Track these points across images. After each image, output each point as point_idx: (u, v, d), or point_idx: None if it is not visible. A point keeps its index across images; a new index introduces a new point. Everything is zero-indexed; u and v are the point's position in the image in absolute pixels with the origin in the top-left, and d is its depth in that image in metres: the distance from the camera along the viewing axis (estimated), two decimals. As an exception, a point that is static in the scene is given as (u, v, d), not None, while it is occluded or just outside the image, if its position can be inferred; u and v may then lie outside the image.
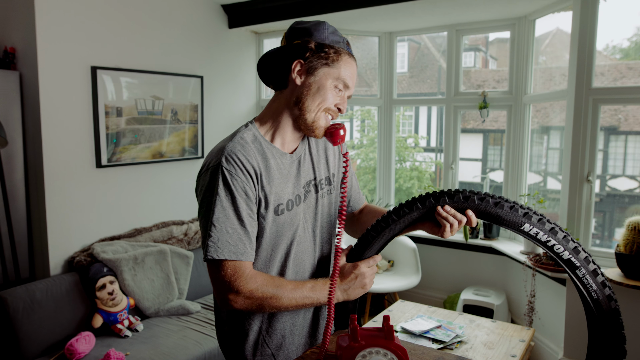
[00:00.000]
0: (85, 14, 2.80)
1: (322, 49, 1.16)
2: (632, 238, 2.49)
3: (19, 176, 2.71)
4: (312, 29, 1.18)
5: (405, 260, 3.55)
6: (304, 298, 1.13)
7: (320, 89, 1.17)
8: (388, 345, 1.03)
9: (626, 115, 3.66)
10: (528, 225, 1.01)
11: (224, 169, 1.09)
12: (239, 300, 1.09)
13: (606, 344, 1.00)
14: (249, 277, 1.09)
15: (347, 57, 1.19)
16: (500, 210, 1.03)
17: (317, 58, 1.16)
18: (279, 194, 1.17)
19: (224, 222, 1.08)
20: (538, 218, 1.01)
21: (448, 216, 1.08)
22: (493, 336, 2.20)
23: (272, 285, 1.11)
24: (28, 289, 2.43)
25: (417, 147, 6.20)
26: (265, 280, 1.11)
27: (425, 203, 1.07)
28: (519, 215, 1.01)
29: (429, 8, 3.19)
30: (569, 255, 0.99)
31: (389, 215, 1.10)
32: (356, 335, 1.03)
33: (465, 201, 1.05)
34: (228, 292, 1.08)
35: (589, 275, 0.99)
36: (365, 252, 1.17)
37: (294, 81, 1.17)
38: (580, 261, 0.99)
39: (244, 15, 3.73)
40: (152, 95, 3.21)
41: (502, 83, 4.05)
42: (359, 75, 5.06)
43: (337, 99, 1.20)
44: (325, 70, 1.17)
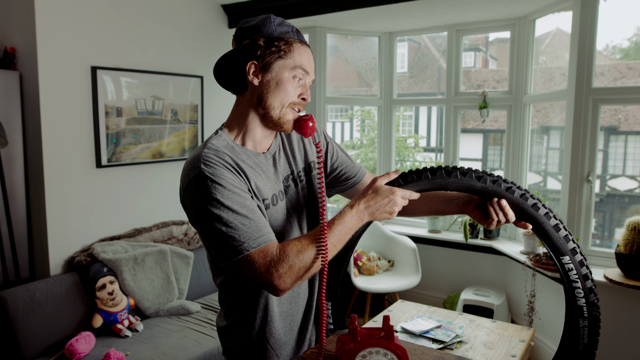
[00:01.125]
0: (85, 14, 2.80)
1: (272, 43, 1.14)
2: (632, 238, 2.49)
3: (19, 176, 2.71)
4: (259, 25, 1.16)
5: (405, 260, 3.55)
6: (338, 232, 1.09)
7: (280, 84, 1.15)
8: (388, 345, 1.03)
9: (626, 115, 3.66)
10: (568, 259, 1.02)
11: (207, 174, 1.06)
12: (286, 280, 1.04)
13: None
14: (279, 255, 1.05)
15: (299, 44, 1.17)
16: (555, 234, 1.01)
17: (269, 54, 1.14)
18: (262, 189, 1.16)
19: (234, 219, 1.05)
20: (580, 258, 1.02)
21: (499, 212, 1.07)
22: (493, 336, 2.20)
23: (300, 247, 1.06)
24: (28, 289, 2.43)
25: (417, 147, 6.19)
26: (292, 247, 1.06)
27: (495, 182, 1.03)
28: (567, 246, 1.01)
29: (429, 8, 3.19)
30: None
31: (455, 169, 1.06)
32: (356, 335, 1.03)
33: (532, 209, 1.03)
34: (272, 279, 1.04)
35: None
36: (410, 183, 1.12)
37: (252, 82, 1.16)
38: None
39: (244, 15, 3.73)
40: (152, 95, 3.21)
41: (502, 83, 4.05)
42: (359, 75, 5.06)
43: (299, 89, 1.18)
44: (280, 64, 1.14)
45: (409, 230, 3.80)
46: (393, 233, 3.73)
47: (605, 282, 2.54)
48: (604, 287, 2.61)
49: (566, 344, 1.02)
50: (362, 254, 3.64)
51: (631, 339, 2.59)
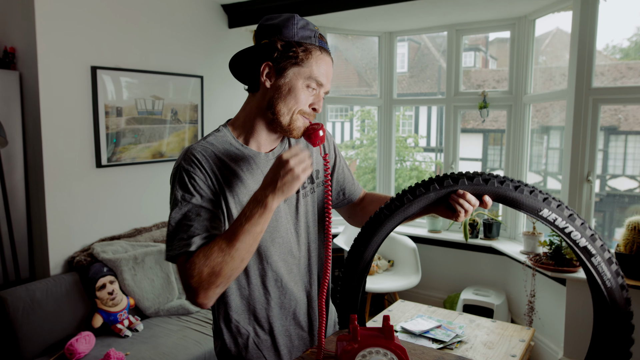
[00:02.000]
0: (85, 14, 2.80)
1: (290, 48, 1.09)
2: (632, 238, 2.49)
3: (19, 176, 2.71)
4: (281, 25, 1.11)
5: (405, 260, 3.55)
6: (244, 233, 1.00)
7: (292, 91, 1.11)
8: (388, 345, 1.03)
9: (626, 115, 3.66)
10: (547, 211, 0.99)
11: (183, 169, 1.08)
12: (198, 293, 0.99)
13: (613, 334, 0.98)
14: (188, 267, 0.99)
15: (319, 52, 1.12)
16: (519, 195, 1.01)
17: (285, 58, 1.09)
18: (247, 195, 1.12)
19: (179, 221, 1.05)
20: (557, 204, 0.99)
21: (464, 202, 1.04)
22: (493, 336, 2.20)
23: (208, 255, 0.99)
24: (28, 288, 2.43)
25: (417, 147, 6.20)
26: (200, 257, 1.00)
27: (442, 183, 1.03)
28: (538, 200, 0.99)
29: (429, 8, 3.19)
30: (585, 242, 0.98)
31: (404, 194, 1.05)
32: (356, 335, 1.03)
33: (485, 184, 1.02)
34: (185, 292, 1.01)
35: (604, 263, 0.98)
36: (376, 232, 1.09)
37: (264, 84, 1.12)
38: (596, 249, 0.98)
39: (244, 15, 3.73)
40: (152, 95, 3.21)
41: (502, 83, 4.05)
42: (359, 75, 5.06)
43: (311, 99, 1.14)
44: (295, 71, 1.10)
45: (409, 230, 3.80)
46: (393, 233, 3.73)
47: (605, 282, 2.54)
48: (604, 287, 2.61)
49: (595, 291, 0.98)
50: (362, 254, 3.64)
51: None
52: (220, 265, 0.98)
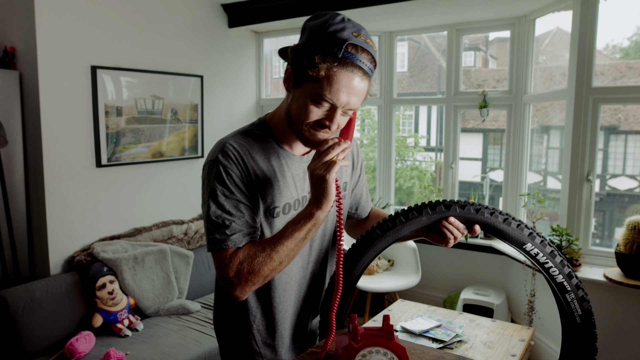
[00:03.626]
0: (85, 14, 2.80)
1: (313, 61, 1.00)
2: (632, 237, 2.49)
3: (19, 176, 2.71)
4: (314, 30, 1.03)
5: (405, 259, 3.55)
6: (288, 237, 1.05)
7: (302, 104, 1.05)
8: (388, 345, 1.03)
9: (626, 114, 3.66)
10: (530, 245, 1.06)
11: (220, 164, 1.08)
12: (235, 287, 1.05)
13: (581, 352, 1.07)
14: (229, 262, 1.04)
15: (341, 70, 1.00)
16: (507, 227, 1.07)
17: (302, 69, 1.02)
18: (275, 195, 1.14)
19: (220, 215, 1.06)
20: (540, 240, 1.05)
21: (454, 229, 1.07)
22: (493, 335, 2.20)
23: (250, 254, 1.05)
24: (28, 288, 2.43)
25: (417, 147, 6.20)
26: (242, 254, 1.05)
27: (435, 209, 1.07)
28: (524, 234, 1.06)
29: (429, 7, 3.19)
30: (562, 279, 1.05)
31: (397, 216, 1.08)
32: (356, 334, 1.03)
33: (475, 213, 1.07)
34: (222, 284, 1.06)
35: (577, 300, 1.05)
36: (366, 250, 1.13)
37: (286, 88, 1.10)
38: (571, 286, 1.05)
39: (244, 15, 3.73)
40: (152, 95, 3.21)
41: (502, 82, 4.05)
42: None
43: (320, 115, 1.05)
44: (308, 85, 1.02)
45: (409, 230, 3.80)
46: (393, 232, 3.73)
47: (605, 281, 2.55)
48: (604, 287, 2.61)
49: (565, 322, 1.07)
50: (362, 254, 3.64)
51: (631, 338, 2.60)
52: (260, 264, 1.03)
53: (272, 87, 4.36)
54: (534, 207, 3.13)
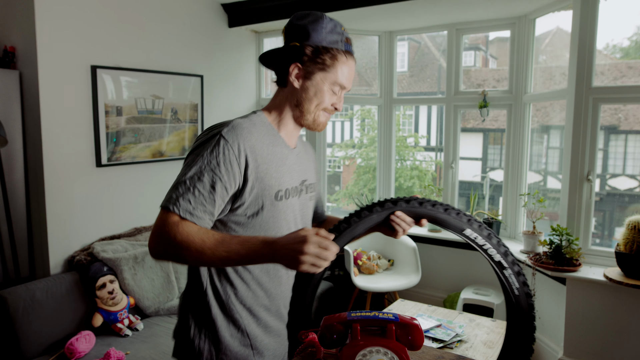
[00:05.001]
0: (85, 13, 2.80)
1: (318, 54, 1.18)
2: (632, 237, 2.49)
3: (19, 175, 2.71)
4: (310, 28, 1.18)
5: (405, 259, 3.55)
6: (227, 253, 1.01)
7: (318, 93, 1.21)
8: (388, 345, 1.03)
9: (626, 114, 3.66)
10: (469, 231, 1.18)
11: (222, 136, 1.11)
12: (156, 249, 1.04)
13: (520, 332, 1.21)
14: (172, 227, 1.03)
15: (344, 57, 1.21)
16: (447, 216, 1.18)
17: (313, 63, 1.19)
18: (279, 179, 1.20)
19: (196, 182, 1.07)
20: (478, 224, 1.18)
21: (401, 222, 1.16)
22: (493, 335, 2.20)
23: (191, 236, 1.02)
24: (28, 288, 2.43)
25: (418, 147, 6.20)
26: (186, 230, 1.03)
27: (384, 206, 1.19)
28: (463, 221, 1.18)
29: (429, 7, 3.19)
30: (499, 257, 1.18)
31: (351, 216, 1.18)
32: (356, 334, 1.03)
33: (419, 206, 1.19)
34: (154, 238, 1.04)
35: (514, 275, 1.18)
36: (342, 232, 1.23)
37: (292, 84, 1.21)
38: (508, 263, 1.18)
39: (244, 15, 3.73)
40: (152, 95, 3.21)
41: (502, 82, 4.05)
42: (358, 74, 5.07)
43: (334, 99, 1.24)
44: (321, 76, 1.20)
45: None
46: (393, 232, 3.73)
47: (605, 281, 2.55)
48: (604, 287, 2.61)
49: (507, 297, 1.21)
50: (362, 253, 3.64)
51: (631, 338, 2.60)
52: (189, 251, 1.01)
53: (272, 87, 4.36)
54: (534, 207, 3.13)
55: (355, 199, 4.32)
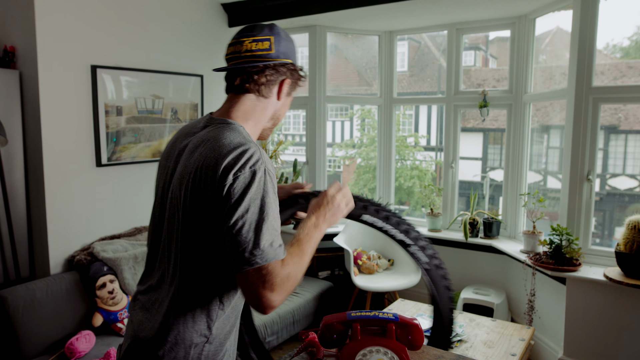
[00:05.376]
0: (85, 13, 2.80)
1: (301, 77, 1.25)
2: (632, 237, 2.49)
3: (19, 175, 2.71)
4: (293, 49, 1.24)
5: (405, 259, 3.55)
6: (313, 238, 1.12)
7: (288, 105, 1.29)
8: (388, 344, 1.03)
9: (626, 114, 3.66)
10: (367, 216, 1.24)
11: (266, 167, 1.04)
12: (281, 297, 1.00)
13: (439, 308, 1.27)
14: (279, 272, 1.00)
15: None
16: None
17: (296, 83, 1.25)
18: None
19: (272, 222, 1.03)
20: (375, 209, 1.24)
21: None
22: (493, 335, 2.20)
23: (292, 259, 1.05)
24: (28, 288, 2.43)
25: (418, 146, 6.20)
26: (289, 263, 1.03)
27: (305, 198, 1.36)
28: (357, 208, 1.24)
29: (429, 7, 3.19)
30: (401, 236, 1.23)
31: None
32: (356, 334, 1.04)
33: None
34: (269, 295, 0.98)
35: (419, 249, 1.23)
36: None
37: (277, 96, 1.21)
38: (411, 239, 1.22)
39: (244, 14, 3.73)
40: (152, 94, 3.21)
41: (502, 82, 4.05)
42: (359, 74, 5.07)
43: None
44: (292, 94, 1.28)
45: (409, 229, 3.80)
46: (393, 232, 3.72)
47: (605, 281, 2.55)
48: (604, 286, 2.61)
49: (421, 271, 1.29)
50: (362, 253, 3.64)
51: (631, 338, 2.60)
52: (298, 271, 1.03)
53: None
54: (534, 207, 3.13)
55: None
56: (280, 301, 0.99)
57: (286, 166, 4.27)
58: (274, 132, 4.43)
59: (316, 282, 3.57)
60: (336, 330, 1.10)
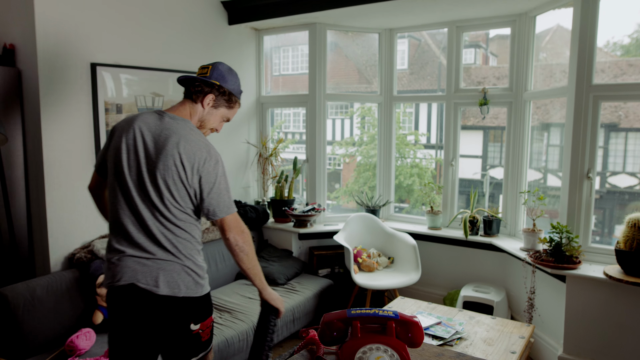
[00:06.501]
0: (84, 11, 2.80)
1: (231, 97, 1.83)
2: (632, 235, 2.49)
3: (19, 173, 2.71)
4: (229, 78, 1.82)
5: (405, 256, 3.56)
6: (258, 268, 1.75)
7: (215, 118, 1.83)
8: (388, 342, 1.03)
9: (626, 112, 3.66)
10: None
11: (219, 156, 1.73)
12: (246, 235, 1.71)
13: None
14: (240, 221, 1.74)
15: (238, 105, 1.88)
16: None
17: (224, 100, 1.82)
18: None
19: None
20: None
21: None
22: (493, 332, 2.21)
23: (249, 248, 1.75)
24: (29, 285, 2.44)
25: (418, 144, 6.19)
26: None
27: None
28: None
29: (429, 4, 3.18)
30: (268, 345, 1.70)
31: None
32: (356, 331, 1.04)
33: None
34: (244, 229, 1.71)
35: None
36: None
37: (202, 105, 1.78)
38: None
39: (243, 12, 3.72)
40: (152, 92, 3.20)
41: (502, 80, 4.04)
42: (359, 71, 5.07)
43: (219, 126, 1.86)
44: (223, 110, 1.83)
45: (409, 227, 3.81)
46: (393, 230, 3.73)
47: (605, 278, 2.55)
48: (604, 284, 2.62)
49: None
50: (362, 251, 3.64)
51: (631, 336, 2.60)
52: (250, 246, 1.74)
53: (272, 84, 4.35)
54: (534, 205, 3.13)
55: (355, 196, 4.32)
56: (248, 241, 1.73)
57: (286, 164, 4.27)
58: (273, 130, 4.42)
59: (316, 279, 3.58)
60: (336, 327, 1.11)
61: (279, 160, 4.15)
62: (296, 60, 5.06)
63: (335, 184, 6.90)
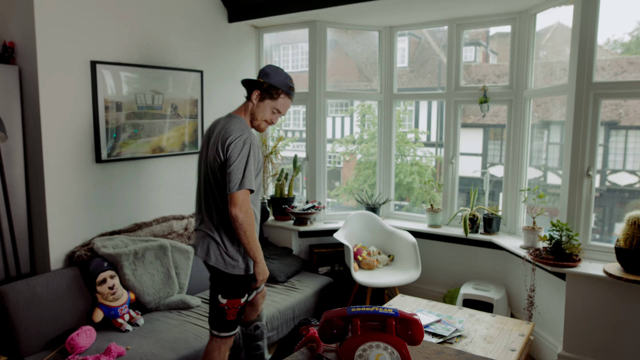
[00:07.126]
0: (84, 9, 2.79)
1: (270, 89, 2.15)
2: (631, 233, 2.49)
3: (19, 171, 2.71)
4: (270, 74, 2.16)
5: (405, 254, 3.56)
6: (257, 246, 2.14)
7: (263, 110, 2.18)
8: (388, 340, 1.03)
9: (627, 110, 3.65)
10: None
11: (252, 144, 2.04)
12: (249, 215, 2.01)
13: None
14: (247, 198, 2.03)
15: (285, 96, 2.19)
16: None
17: (266, 93, 2.16)
18: (260, 161, 2.17)
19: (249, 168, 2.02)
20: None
21: None
22: (493, 330, 2.21)
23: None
24: (29, 283, 2.44)
25: (418, 142, 6.19)
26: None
27: None
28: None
29: (429, 2, 3.18)
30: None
31: None
32: (356, 329, 1.04)
33: None
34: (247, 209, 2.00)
35: None
36: None
37: (252, 101, 2.17)
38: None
39: (243, 10, 3.72)
40: (152, 90, 3.20)
41: (502, 78, 4.04)
42: (359, 69, 5.06)
43: (271, 117, 2.21)
44: (268, 101, 2.17)
45: (409, 225, 3.81)
46: (393, 228, 3.73)
47: (605, 276, 2.55)
48: (604, 282, 2.62)
49: None
50: (362, 249, 3.65)
51: (631, 333, 2.60)
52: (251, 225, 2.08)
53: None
54: (534, 203, 3.13)
55: (355, 194, 4.32)
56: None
57: (286, 162, 4.27)
58: (273, 129, 4.43)
59: (316, 277, 3.58)
60: (336, 325, 1.11)
61: (279, 158, 4.15)
62: (296, 58, 5.05)
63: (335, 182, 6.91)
